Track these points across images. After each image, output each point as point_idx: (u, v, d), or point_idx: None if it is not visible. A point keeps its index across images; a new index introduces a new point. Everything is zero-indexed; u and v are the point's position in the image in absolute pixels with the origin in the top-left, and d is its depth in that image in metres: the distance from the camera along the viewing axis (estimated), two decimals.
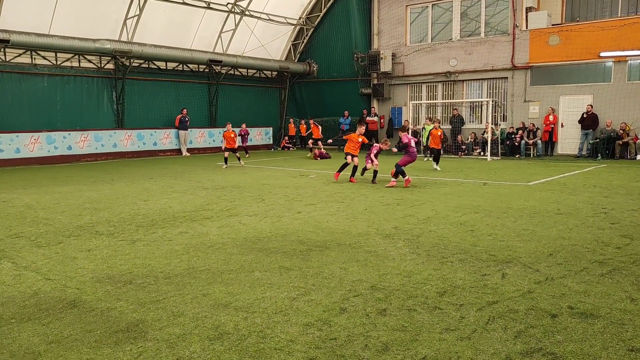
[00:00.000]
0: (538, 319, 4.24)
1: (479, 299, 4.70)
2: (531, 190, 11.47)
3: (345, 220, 8.35)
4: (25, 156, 18.52)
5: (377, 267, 5.72)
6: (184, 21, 22.89)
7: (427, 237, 7.10)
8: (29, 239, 7.24)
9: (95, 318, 4.36)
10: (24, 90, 19.13)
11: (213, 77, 24.97)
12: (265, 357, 3.63)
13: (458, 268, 5.67)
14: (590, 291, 4.88)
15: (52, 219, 8.64)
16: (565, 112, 20.98)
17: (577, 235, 7.10)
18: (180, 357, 3.64)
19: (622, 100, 19.62)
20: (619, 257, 6.00)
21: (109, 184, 13.32)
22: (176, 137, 23.36)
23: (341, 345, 3.81)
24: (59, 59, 19.89)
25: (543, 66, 21.30)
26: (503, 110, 22.68)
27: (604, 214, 8.58)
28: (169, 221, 8.40)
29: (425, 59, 24.29)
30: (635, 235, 7.09)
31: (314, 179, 14.14)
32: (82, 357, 3.66)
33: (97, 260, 6.13)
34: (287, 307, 4.57)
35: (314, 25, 27.31)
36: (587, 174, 14.63)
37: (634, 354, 3.61)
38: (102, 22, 20.28)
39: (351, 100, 26.45)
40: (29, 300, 4.81)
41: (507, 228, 7.63)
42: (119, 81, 21.57)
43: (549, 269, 5.58)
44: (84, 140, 20.20)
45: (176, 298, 4.82)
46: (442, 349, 3.72)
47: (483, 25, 22.93)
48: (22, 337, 4.01)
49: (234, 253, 6.38)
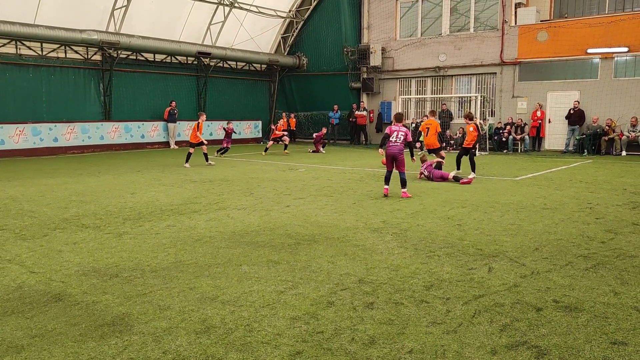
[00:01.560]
0: (523, 312, 4.28)
1: (465, 293, 4.74)
2: (518, 185, 11.56)
3: (333, 214, 8.35)
4: (10, 148, 18.24)
5: (364, 261, 5.74)
6: (173, 13, 22.66)
7: (414, 231, 7.12)
8: (14, 232, 7.14)
9: (81, 312, 4.32)
10: (8, 80, 18.81)
11: (202, 70, 24.78)
12: (252, 350, 3.63)
13: (445, 262, 5.70)
14: (574, 285, 4.93)
15: (37, 212, 8.54)
16: (552, 108, 21.16)
17: (562, 230, 7.17)
18: (166, 350, 3.63)
19: (608, 96, 19.83)
20: (603, 252, 6.08)
21: (95, 176, 13.19)
22: (164, 130, 23.18)
23: (328, 338, 3.81)
24: (44, 49, 19.59)
25: (531, 62, 21.43)
26: (491, 106, 22.80)
27: (590, 209, 8.67)
28: (156, 214, 8.34)
29: (415, 53, 24.31)
30: (619, 230, 7.18)
31: (303, 172, 14.11)
32: (66, 351, 3.63)
33: (83, 254, 6.07)
34: (275, 300, 4.56)
35: (303, 18, 27.19)
36: (574, 169, 14.78)
37: (616, 347, 3.66)
38: (89, 12, 19.98)
39: (341, 94, 26.42)
40: (12, 294, 4.75)
41: (494, 222, 7.68)
42: (106, 73, 21.31)
43: (535, 263, 5.63)
44: (70, 132, 19.96)
45: (163, 292, 4.79)
46: (428, 343, 3.74)
47: (472, 20, 23.00)
48: (5, 330, 3.96)
49: (221, 247, 6.36)
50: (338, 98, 26.16)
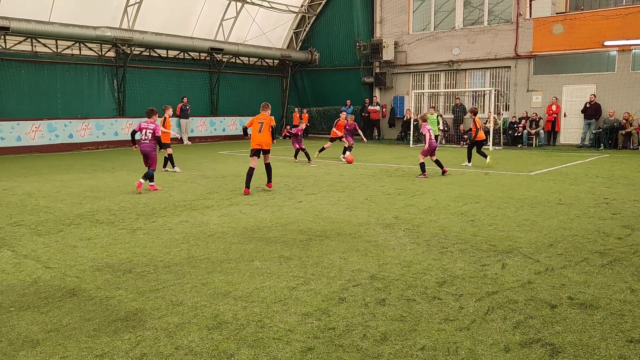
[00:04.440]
0: (537, 309, 4.23)
1: (478, 289, 4.69)
2: (533, 180, 11.43)
3: (345, 209, 8.33)
4: (26, 144, 18.48)
5: (376, 257, 5.72)
6: (185, 9, 22.72)
7: (427, 227, 7.08)
8: (29, 227, 7.24)
9: (94, 307, 4.37)
10: (24, 78, 19.04)
11: (214, 66, 24.84)
12: (263, 346, 3.63)
13: (458, 258, 5.66)
14: (590, 282, 4.86)
15: (52, 208, 8.64)
16: (568, 101, 20.86)
17: (578, 226, 7.07)
18: (178, 346, 3.65)
19: (625, 90, 19.48)
20: (619, 248, 5.98)
21: (110, 172, 13.31)
22: (177, 126, 23.31)
23: (340, 335, 3.80)
24: (59, 46, 19.77)
25: (546, 55, 21.12)
26: (506, 100, 22.55)
27: (606, 205, 8.54)
28: (170, 210, 8.39)
29: (428, 47, 24.10)
30: (636, 225, 7.06)
31: (315, 168, 14.10)
32: (80, 345, 3.67)
33: (97, 249, 6.13)
34: (286, 296, 4.56)
35: (315, 13, 27.09)
36: (589, 164, 14.57)
37: (633, 345, 3.60)
38: (102, 9, 20.12)
39: (353, 89, 26.32)
40: (28, 289, 4.82)
41: (507, 218, 7.60)
42: (120, 69, 21.47)
43: (549, 260, 5.56)
44: (85, 129, 20.16)
45: (175, 287, 4.82)
46: (440, 339, 3.71)
47: (486, 13, 22.72)
48: (21, 325, 4.02)
49: (233, 242, 6.38)
50: (351, 93, 26.07)
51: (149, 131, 10.15)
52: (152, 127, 10.20)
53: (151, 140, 10.18)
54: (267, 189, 10.28)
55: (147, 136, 10.15)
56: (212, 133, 24.83)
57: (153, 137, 10.18)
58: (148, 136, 10.15)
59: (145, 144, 10.20)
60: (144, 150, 10.23)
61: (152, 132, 10.16)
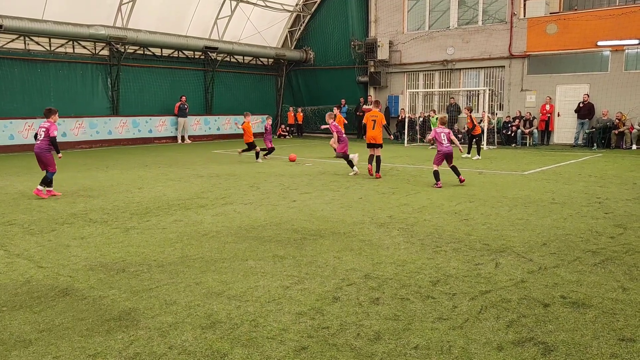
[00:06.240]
0: (530, 308, 4.25)
1: (471, 289, 4.71)
2: (526, 180, 11.47)
3: (340, 209, 8.34)
4: (19, 143, 18.35)
5: (371, 256, 5.72)
6: (180, 7, 22.64)
7: (421, 226, 7.10)
8: (22, 227, 7.20)
9: (88, 306, 4.35)
10: (17, 76, 18.91)
11: (209, 64, 24.77)
12: (257, 345, 3.63)
13: (452, 257, 5.68)
14: (582, 281, 4.89)
15: (45, 207, 8.60)
16: (562, 101, 20.95)
17: (571, 225, 7.11)
18: (172, 345, 3.64)
19: (618, 89, 19.59)
20: (612, 247, 6.02)
21: (103, 171, 13.25)
22: (172, 125, 23.24)
23: (333, 334, 3.81)
24: (52, 44, 19.66)
25: (540, 55, 21.21)
26: (500, 99, 22.62)
27: (599, 204, 8.59)
28: (163, 209, 8.37)
29: (423, 47, 24.14)
30: (628, 225, 7.11)
31: (310, 167, 14.10)
32: (73, 345, 3.65)
33: (90, 248, 6.10)
34: (280, 295, 4.56)
35: (310, 12, 27.07)
36: (583, 163, 14.65)
37: (624, 344, 3.62)
38: (96, 7, 20.01)
39: (348, 88, 26.32)
40: (20, 288, 4.79)
41: (501, 217, 7.63)
42: (114, 67, 21.37)
43: (543, 259, 5.59)
44: (78, 127, 20.06)
45: (169, 286, 4.81)
46: (434, 338, 3.72)
47: (481, 13, 22.78)
48: (13, 325, 4.00)
49: (228, 241, 6.37)
50: (345, 92, 26.06)
51: (42, 130, 9.40)
52: (47, 126, 9.42)
53: (43, 140, 9.36)
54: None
55: (41, 136, 9.40)
56: (206, 132, 24.77)
57: (47, 137, 9.37)
58: (41, 136, 9.40)
59: (37, 145, 9.44)
60: (35, 151, 9.48)
61: (45, 131, 9.37)
